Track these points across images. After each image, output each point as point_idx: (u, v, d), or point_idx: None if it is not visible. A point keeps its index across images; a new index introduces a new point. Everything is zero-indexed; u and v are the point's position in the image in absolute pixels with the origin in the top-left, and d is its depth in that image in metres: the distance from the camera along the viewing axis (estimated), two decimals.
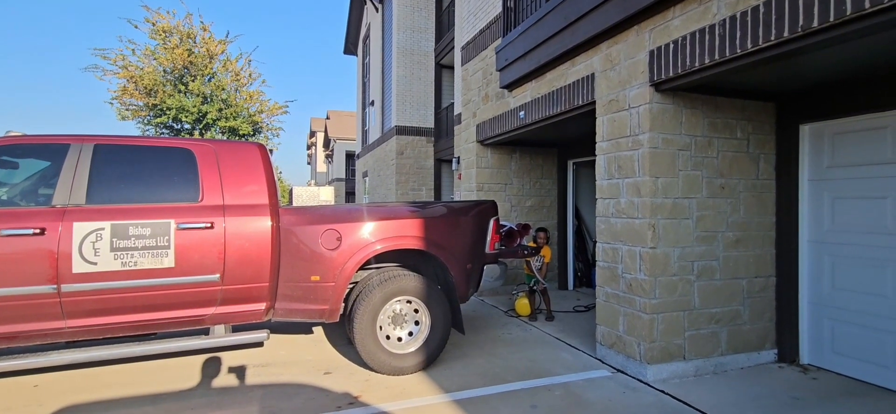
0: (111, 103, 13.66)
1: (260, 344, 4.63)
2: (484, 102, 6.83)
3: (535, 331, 5.24)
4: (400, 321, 3.93)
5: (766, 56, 2.83)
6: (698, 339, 3.85)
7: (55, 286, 3.05)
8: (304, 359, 4.27)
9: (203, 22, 14.99)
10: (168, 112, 13.37)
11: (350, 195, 30.57)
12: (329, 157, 37.33)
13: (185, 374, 3.88)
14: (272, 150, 14.92)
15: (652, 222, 3.67)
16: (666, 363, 3.73)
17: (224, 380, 3.78)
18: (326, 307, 3.74)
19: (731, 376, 3.82)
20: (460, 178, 7.87)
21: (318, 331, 5.17)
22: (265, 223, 3.58)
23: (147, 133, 13.94)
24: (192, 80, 13.81)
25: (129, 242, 3.20)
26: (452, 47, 11.39)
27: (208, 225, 3.41)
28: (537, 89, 5.34)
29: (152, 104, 13.47)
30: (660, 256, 3.69)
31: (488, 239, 4.38)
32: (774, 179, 4.16)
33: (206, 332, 3.68)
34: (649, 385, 3.62)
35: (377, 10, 16.07)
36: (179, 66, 13.76)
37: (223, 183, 3.57)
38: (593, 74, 4.32)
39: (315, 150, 43.86)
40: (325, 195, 4.89)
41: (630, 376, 3.80)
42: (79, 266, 3.09)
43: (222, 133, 14.30)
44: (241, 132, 14.46)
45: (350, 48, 21.17)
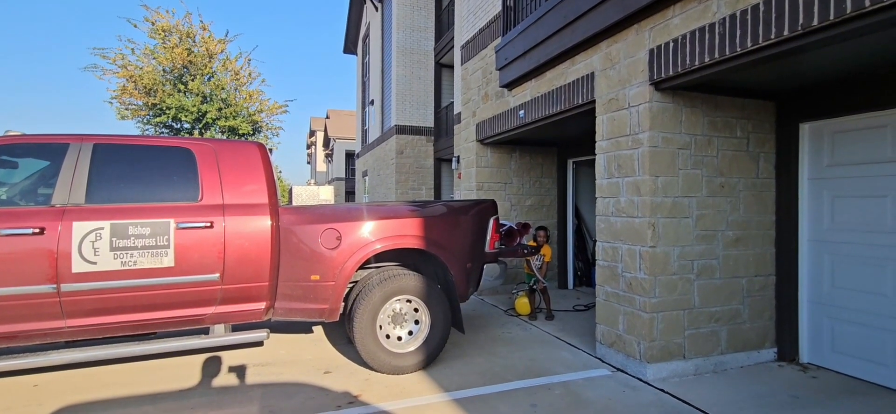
0: (111, 103, 13.65)
1: (260, 343, 4.63)
2: (484, 101, 6.83)
3: (535, 330, 5.24)
4: (400, 320, 3.93)
5: (766, 55, 2.83)
6: (698, 338, 3.85)
7: (55, 286, 3.05)
8: (304, 358, 4.27)
9: (202, 21, 14.93)
10: (167, 111, 13.35)
11: (350, 194, 30.56)
12: (329, 156, 37.33)
13: (184, 373, 3.88)
14: (272, 150, 14.95)
15: (652, 221, 3.67)
16: (666, 362, 3.73)
17: (224, 379, 3.78)
18: (326, 306, 3.74)
19: (730, 375, 3.83)
20: (460, 178, 7.87)
21: (318, 330, 5.17)
22: (265, 222, 3.58)
23: (147, 132, 13.93)
24: (192, 80, 13.79)
25: (128, 241, 3.19)
26: (452, 46, 11.39)
27: (208, 224, 3.41)
28: (537, 88, 5.34)
29: (152, 104, 13.46)
30: (660, 254, 3.69)
31: (488, 238, 4.38)
32: (774, 178, 4.16)
33: (205, 331, 3.68)
34: (649, 384, 3.62)
35: (377, 9, 16.06)
36: (179, 66, 13.75)
37: (223, 182, 3.57)
38: (593, 73, 4.32)
39: (315, 149, 43.85)
40: (325, 194, 4.89)
41: (630, 375, 3.81)
42: (78, 266, 3.09)
43: (222, 132, 14.28)
44: (240, 131, 14.45)
45: (350, 47, 21.15)
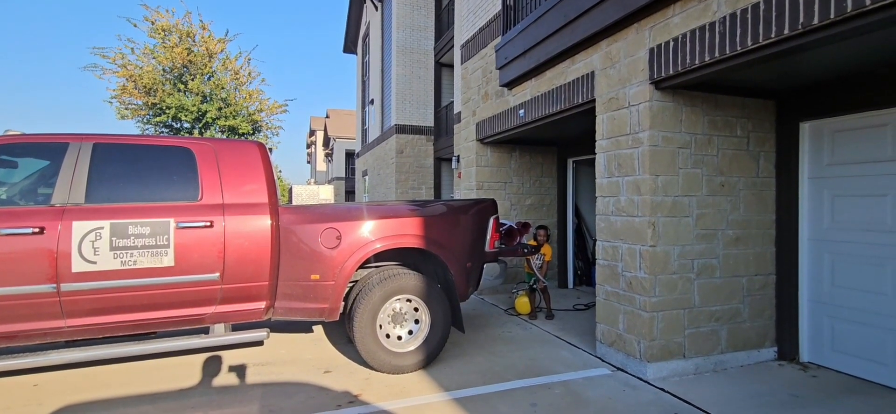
0: (110, 102, 13.64)
1: (260, 343, 4.63)
2: (484, 101, 6.82)
3: (535, 329, 5.24)
4: (400, 320, 3.93)
5: (766, 54, 2.83)
6: (698, 337, 3.85)
7: (54, 285, 3.05)
8: (304, 357, 4.27)
9: (202, 20, 14.91)
10: (167, 111, 13.34)
11: (350, 194, 30.57)
12: (329, 155, 37.32)
13: (184, 373, 3.88)
14: (272, 149, 14.95)
15: (652, 220, 3.66)
16: (666, 361, 3.73)
17: (224, 379, 3.78)
18: (326, 306, 3.73)
19: (731, 374, 3.83)
20: (460, 177, 7.87)
21: (318, 330, 5.17)
22: (265, 222, 3.57)
23: (146, 132, 13.92)
24: (192, 79, 13.78)
25: (128, 240, 3.19)
26: (452, 46, 11.38)
27: (208, 224, 3.41)
28: (537, 87, 5.34)
29: (152, 103, 13.45)
30: (660, 254, 3.69)
31: (488, 237, 4.38)
32: (774, 177, 4.15)
33: (205, 331, 3.68)
34: (649, 383, 3.62)
35: (377, 8, 16.05)
36: (179, 65, 13.73)
37: (223, 182, 3.57)
38: (593, 72, 4.31)
39: (315, 148, 43.85)
40: (325, 194, 4.88)
41: (630, 374, 3.81)
42: (78, 265, 3.08)
43: (222, 132, 14.27)
44: (240, 131, 14.44)
45: (350, 47, 21.14)
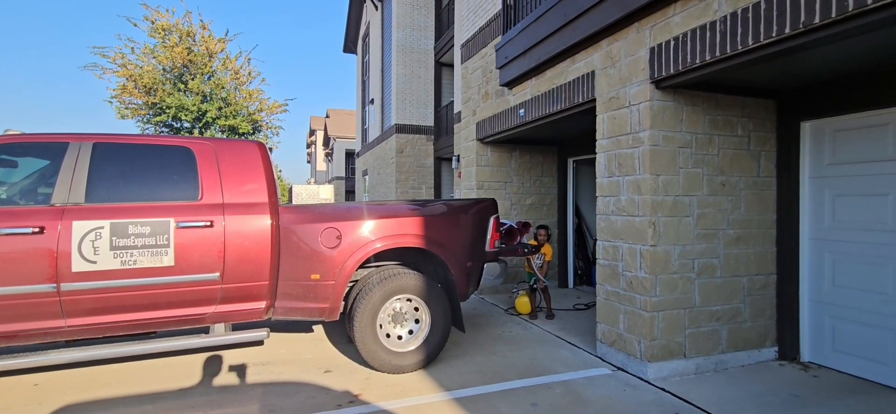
0: (110, 102, 13.62)
1: (260, 342, 4.62)
2: (484, 100, 6.82)
3: (536, 329, 5.24)
4: (400, 319, 3.93)
5: (767, 53, 2.82)
6: (699, 337, 3.85)
7: (54, 285, 3.04)
8: (305, 357, 4.27)
9: (202, 20, 14.89)
10: (167, 111, 13.33)
11: (350, 194, 30.56)
12: (329, 155, 37.32)
13: (185, 372, 3.87)
14: (272, 149, 14.94)
15: (652, 220, 3.66)
16: (666, 361, 3.72)
17: (224, 378, 3.77)
18: (326, 306, 3.73)
19: (731, 374, 3.82)
20: (460, 177, 7.86)
21: (319, 329, 5.17)
22: (265, 222, 3.57)
23: (147, 132, 13.91)
24: (192, 79, 13.77)
25: (128, 240, 3.19)
26: (452, 45, 11.37)
27: (208, 223, 3.41)
28: (537, 87, 5.33)
29: (152, 103, 13.44)
30: (660, 253, 3.68)
31: (488, 237, 4.38)
32: (775, 177, 4.15)
33: (206, 330, 3.67)
34: (650, 383, 3.62)
35: (377, 8, 16.04)
36: (179, 65, 13.73)
37: (223, 181, 3.57)
38: (593, 72, 4.31)
39: (315, 148, 43.84)
40: (325, 194, 4.88)
41: (631, 374, 3.80)
42: (78, 265, 3.08)
43: (222, 131, 14.26)
44: (240, 131, 14.43)
45: (350, 46, 21.13)
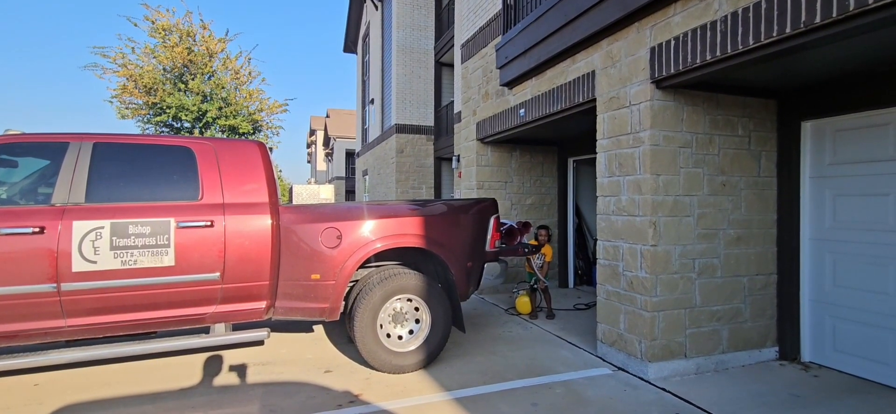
0: (111, 102, 13.63)
1: (260, 342, 4.62)
2: (484, 100, 6.81)
3: (536, 329, 5.23)
4: (400, 319, 3.93)
5: (767, 53, 2.82)
6: (699, 337, 3.84)
7: (55, 285, 3.04)
8: (305, 357, 4.27)
9: (203, 20, 14.90)
10: (168, 111, 13.34)
11: (350, 194, 30.57)
12: (329, 155, 37.32)
13: (185, 372, 3.87)
14: (272, 149, 14.94)
15: (653, 220, 3.66)
16: (667, 361, 3.72)
17: (224, 378, 3.77)
18: (327, 306, 3.73)
19: (732, 374, 3.82)
20: (460, 177, 7.86)
21: (319, 329, 5.17)
22: (265, 221, 3.57)
23: (147, 131, 13.92)
24: (192, 79, 13.77)
25: (128, 240, 3.19)
26: (452, 45, 11.37)
27: (208, 223, 3.40)
28: (537, 87, 5.33)
29: (152, 103, 13.44)
30: (661, 253, 3.68)
31: (489, 237, 4.38)
32: (776, 177, 4.15)
33: (206, 330, 3.67)
34: (650, 383, 3.62)
35: (377, 8, 16.04)
36: (179, 65, 13.73)
37: (223, 181, 3.57)
38: (594, 72, 4.31)
39: (315, 148, 43.85)
40: (325, 193, 4.88)
41: (631, 374, 3.80)
42: (78, 265, 3.08)
43: (222, 131, 14.26)
44: (240, 131, 14.43)
45: (350, 46, 21.14)
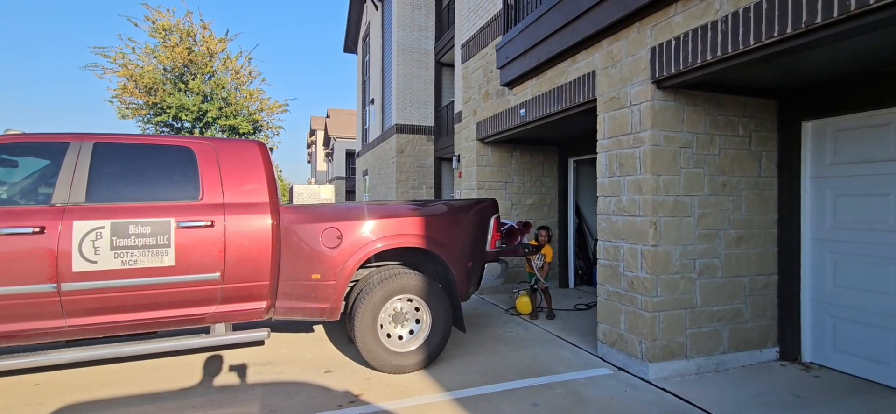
0: (111, 102, 13.63)
1: (261, 342, 4.62)
2: (484, 100, 6.81)
3: (536, 329, 5.23)
4: (401, 319, 3.93)
5: (768, 53, 2.82)
6: (700, 337, 3.84)
7: (55, 285, 3.04)
8: (305, 357, 4.26)
9: (203, 20, 14.92)
10: (168, 111, 13.34)
11: (350, 194, 30.58)
12: (329, 155, 37.33)
13: (185, 372, 3.87)
14: (272, 149, 14.94)
15: (653, 220, 3.66)
16: (667, 361, 3.72)
17: (225, 378, 3.77)
18: (327, 306, 3.73)
19: (732, 374, 3.82)
20: (461, 177, 7.86)
21: (319, 329, 5.16)
22: (265, 221, 3.57)
23: (147, 131, 13.92)
24: (192, 79, 13.78)
25: (129, 240, 3.19)
26: (452, 45, 11.37)
27: (208, 223, 3.40)
28: (538, 87, 5.33)
29: (152, 103, 13.44)
30: (661, 253, 3.68)
31: (489, 237, 4.37)
32: (776, 177, 4.14)
33: (206, 330, 3.67)
34: (651, 383, 3.62)
35: (377, 8, 16.04)
36: (179, 65, 13.73)
37: (223, 181, 3.56)
38: (594, 72, 4.30)
39: (315, 148, 43.86)
40: (326, 194, 4.87)
41: (632, 374, 3.80)
42: (79, 265, 3.08)
43: (222, 131, 14.27)
44: (241, 131, 14.43)
45: (350, 46, 21.14)
